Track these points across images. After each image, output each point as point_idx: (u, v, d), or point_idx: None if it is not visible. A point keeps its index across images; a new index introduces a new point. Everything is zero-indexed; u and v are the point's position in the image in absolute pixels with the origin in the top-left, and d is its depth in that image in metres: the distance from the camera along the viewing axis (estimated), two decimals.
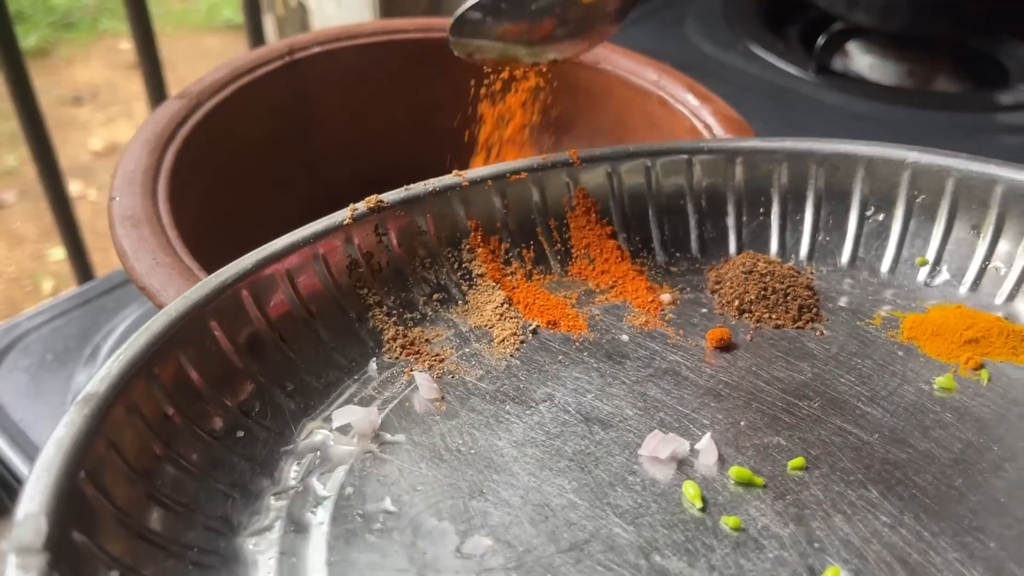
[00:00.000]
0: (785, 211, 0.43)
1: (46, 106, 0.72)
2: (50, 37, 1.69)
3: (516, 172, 0.42)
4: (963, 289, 0.39)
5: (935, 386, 0.34)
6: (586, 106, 0.56)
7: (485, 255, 0.41)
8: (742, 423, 0.32)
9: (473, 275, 0.41)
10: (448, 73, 0.55)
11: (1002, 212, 0.39)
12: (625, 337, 0.38)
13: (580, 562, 0.27)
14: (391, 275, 0.39)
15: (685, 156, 0.43)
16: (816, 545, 0.27)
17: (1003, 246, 0.39)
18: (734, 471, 0.30)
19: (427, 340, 0.38)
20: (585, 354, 0.37)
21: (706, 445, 0.31)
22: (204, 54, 1.65)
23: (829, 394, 0.34)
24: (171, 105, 0.47)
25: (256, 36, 0.85)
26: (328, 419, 0.33)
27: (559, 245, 0.42)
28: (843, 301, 0.39)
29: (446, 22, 0.56)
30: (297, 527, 0.28)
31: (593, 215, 0.43)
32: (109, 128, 1.47)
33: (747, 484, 0.29)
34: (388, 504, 0.29)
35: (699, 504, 0.29)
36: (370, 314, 0.38)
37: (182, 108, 0.46)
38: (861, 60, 0.78)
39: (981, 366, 0.34)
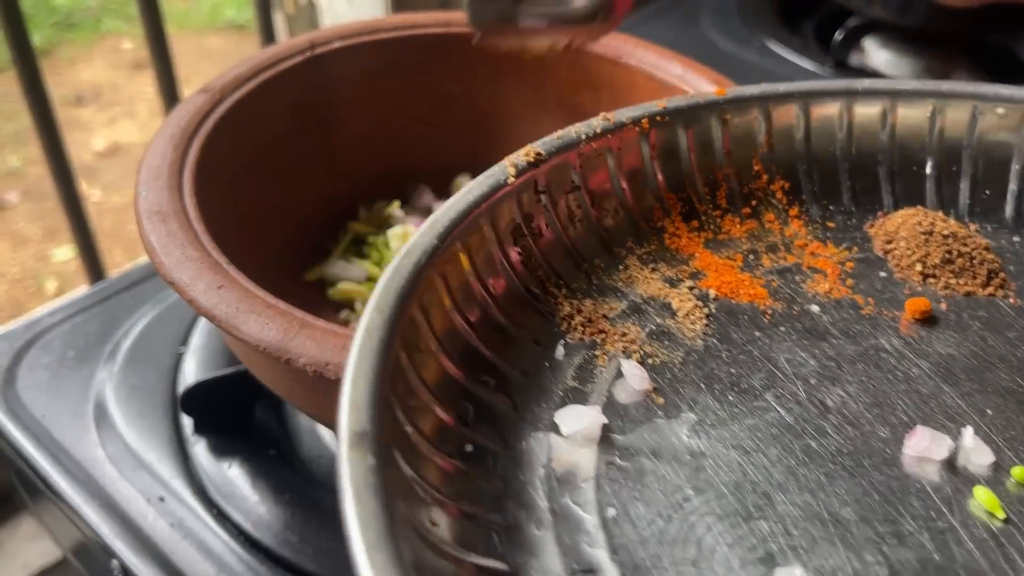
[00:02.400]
0: (940, 161, 0.40)
1: None
2: (53, 37, 1.67)
3: (664, 114, 0.38)
4: None
5: None
6: (609, 101, 0.54)
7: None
8: (988, 411, 0.30)
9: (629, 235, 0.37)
10: (468, 67, 0.56)
11: None
12: (815, 308, 0.35)
13: None
14: (552, 240, 0.35)
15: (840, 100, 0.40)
16: None
17: None
18: (1018, 472, 0.28)
19: (604, 316, 0.33)
20: (782, 329, 0.33)
21: (974, 443, 0.28)
22: (207, 54, 1.65)
23: None
24: (194, 100, 0.46)
25: (267, 34, 0.86)
26: (541, 420, 0.29)
27: (708, 198, 0.39)
28: (1019, 262, 0.37)
29: (465, 17, 0.54)
30: (583, 567, 0.24)
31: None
32: (112, 128, 1.46)
33: None
34: (664, 529, 0.26)
35: (1001, 514, 0.26)
36: (541, 287, 0.33)
37: (205, 103, 0.45)
38: (878, 56, 0.77)
39: None
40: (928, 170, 0.40)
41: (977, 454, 0.28)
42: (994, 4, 0.67)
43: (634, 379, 0.31)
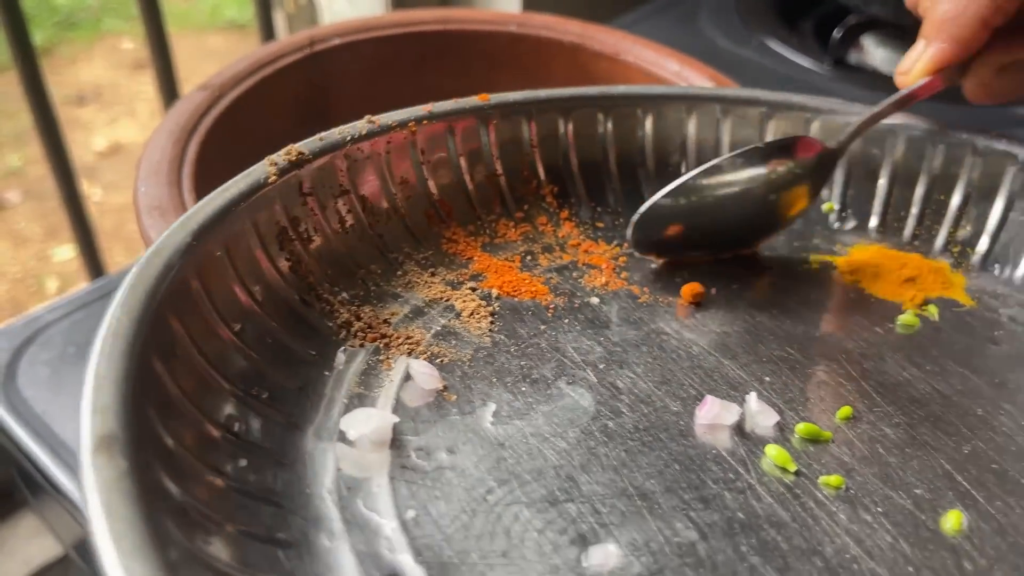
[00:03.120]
0: (694, 161, 0.42)
1: None
2: (53, 37, 1.65)
3: (431, 118, 0.37)
4: (873, 233, 0.41)
5: (898, 323, 0.35)
6: None
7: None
8: (767, 378, 0.31)
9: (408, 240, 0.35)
10: (465, 64, 0.56)
11: (900, 160, 0.41)
12: (595, 300, 0.34)
13: (725, 552, 0.24)
14: (323, 245, 0.32)
15: (598, 106, 0.41)
16: (918, 491, 0.27)
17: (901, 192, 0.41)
18: (801, 428, 0.28)
19: (386, 321, 0.31)
20: (565, 321, 0.33)
21: (759, 406, 0.29)
22: (208, 54, 1.64)
23: (825, 341, 0.33)
24: (193, 97, 0.45)
25: (267, 33, 0.86)
26: (325, 429, 0.26)
27: (481, 203, 0.38)
28: (772, 246, 0.39)
29: (464, 13, 0.56)
30: (385, 573, 0.22)
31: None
32: (112, 128, 1.44)
33: (814, 440, 0.28)
34: (469, 523, 0.24)
35: (793, 467, 0.27)
36: (313, 294, 0.31)
37: (204, 100, 0.45)
38: (876, 53, 0.75)
39: (926, 302, 0.36)
40: (683, 169, 0.42)
41: (763, 416, 0.29)
42: None
43: (423, 378, 0.29)
